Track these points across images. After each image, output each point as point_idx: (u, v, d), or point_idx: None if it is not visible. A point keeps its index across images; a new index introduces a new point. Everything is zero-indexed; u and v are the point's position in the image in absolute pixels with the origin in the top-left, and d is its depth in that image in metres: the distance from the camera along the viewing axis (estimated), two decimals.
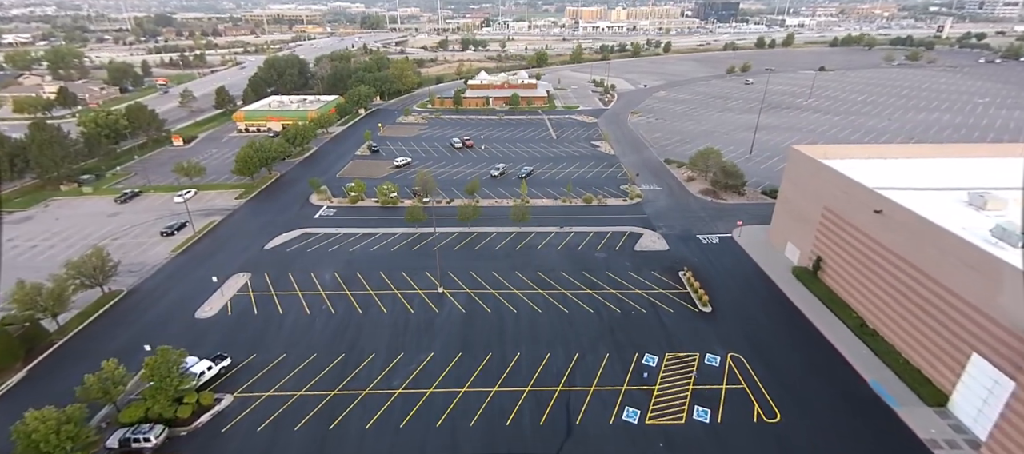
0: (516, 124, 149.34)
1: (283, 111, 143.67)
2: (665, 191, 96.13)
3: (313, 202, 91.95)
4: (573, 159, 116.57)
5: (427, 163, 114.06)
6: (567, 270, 68.58)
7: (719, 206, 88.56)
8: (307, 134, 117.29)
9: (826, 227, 61.34)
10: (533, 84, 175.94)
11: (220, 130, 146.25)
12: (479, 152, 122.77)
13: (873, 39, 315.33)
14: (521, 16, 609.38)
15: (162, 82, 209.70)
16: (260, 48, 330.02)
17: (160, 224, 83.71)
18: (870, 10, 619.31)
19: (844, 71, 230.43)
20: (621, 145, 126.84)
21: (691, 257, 71.24)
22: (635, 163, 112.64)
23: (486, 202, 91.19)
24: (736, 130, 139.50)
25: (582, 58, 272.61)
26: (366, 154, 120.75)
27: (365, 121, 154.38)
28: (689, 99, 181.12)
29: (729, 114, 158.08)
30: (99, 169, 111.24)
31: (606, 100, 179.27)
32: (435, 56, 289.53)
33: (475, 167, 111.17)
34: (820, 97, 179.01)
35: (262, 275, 67.94)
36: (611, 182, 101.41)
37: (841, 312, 56.49)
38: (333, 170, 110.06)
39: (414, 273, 68.12)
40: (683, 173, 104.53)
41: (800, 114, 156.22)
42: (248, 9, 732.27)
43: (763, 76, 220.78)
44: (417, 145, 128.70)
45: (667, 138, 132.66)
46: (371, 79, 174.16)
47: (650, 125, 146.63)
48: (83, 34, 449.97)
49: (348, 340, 55.12)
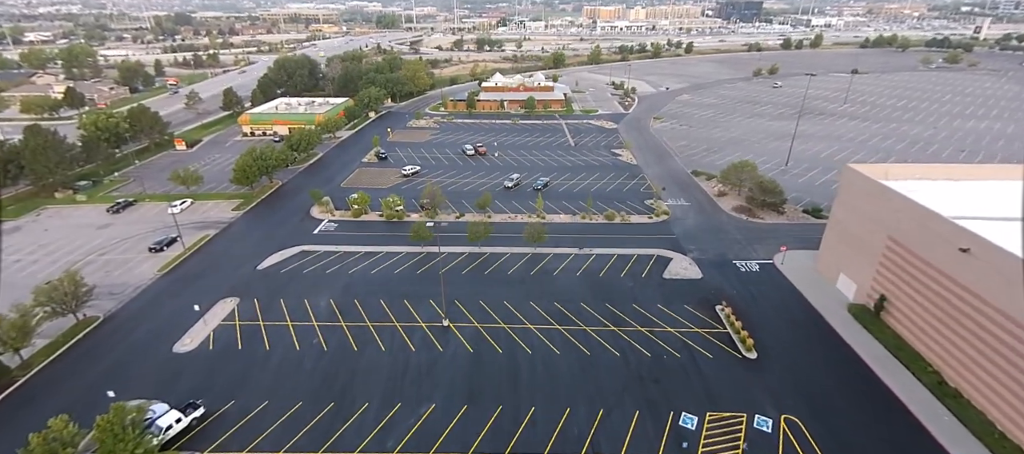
0: (532, 129, 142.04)
1: (290, 114, 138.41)
2: (694, 207, 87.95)
3: (314, 215, 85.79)
4: (592, 169, 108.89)
5: (437, 172, 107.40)
6: (588, 300, 61.15)
7: (756, 226, 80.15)
8: (312, 140, 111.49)
9: (892, 261, 52.94)
10: (550, 87, 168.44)
11: (226, 133, 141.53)
12: (492, 160, 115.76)
13: (907, 40, 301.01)
14: (538, 16, 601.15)
15: (172, 82, 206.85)
16: (274, 47, 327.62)
17: (152, 237, 78.26)
18: (899, 10, 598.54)
19: (879, 74, 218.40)
20: (644, 154, 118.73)
21: (728, 288, 63.23)
22: (660, 175, 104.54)
23: (498, 217, 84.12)
24: (767, 138, 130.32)
25: (600, 59, 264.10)
26: (373, 161, 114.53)
27: (375, 125, 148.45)
28: (715, 103, 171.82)
29: (759, 120, 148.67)
30: (97, 174, 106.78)
31: (626, 104, 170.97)
32: (450, 56, 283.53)
33: (488, 177, 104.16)
34: (855, 102, 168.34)
35: (251, 301, 61.75)
36: (634, 196, 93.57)
37: (913, 364, 48.14)
38: (338, 178, 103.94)
39: (417, 301, 61.31)
40: (713, 186, 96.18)
41: (836, 121, 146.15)
42: (267, 8, 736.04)
43: (793, 79, 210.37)
44: (427, 151, 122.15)
45: (693, 146, 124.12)
46: (382, 81, 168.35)
47: (674, 132, 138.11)
48: (103, 33, 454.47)
49: (340, 385, 48.44)
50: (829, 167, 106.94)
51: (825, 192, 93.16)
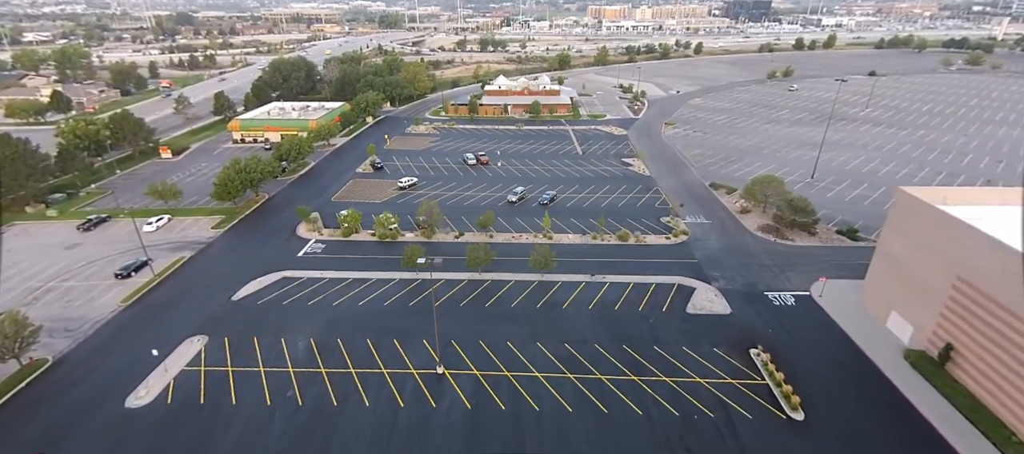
0: (537, 136, 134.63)
1: (282, 120, 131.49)
2: (715, 226, 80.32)
3: (300, 234, 78.65)
4: (602, 180, 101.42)
5: (435, 184, 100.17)
6: (603, 341, 53.75)
7: (786, 249, 72.48)
8: (303, 149, 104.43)
9: (961, 305, 45.32)
10: (556, 91, 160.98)
11: (216, 139, 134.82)
12: (495, 170, 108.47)
13: (924, 41, 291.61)
14: (542, 15, 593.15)
15: (166, 85, 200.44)
16: (273, 48, 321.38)
17: (122, 259, 71.34)
18: (910, 9, 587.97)
19: (899, 76, 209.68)
20: (656, 164, 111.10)
21: (762, 326, 55.69)
22: (675, 187, 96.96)
23: (501, 237, 76.80)
24: (787, 146, 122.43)
25: (607, 60, 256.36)
26: (368, 172, 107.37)
27: (372, 131, 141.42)
28: (728, 108, 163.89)
29: (776, 127, 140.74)
30: (74, 186, 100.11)
31: (636, 108, 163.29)
32: (452, 57, 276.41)
33: (490, 190, 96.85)
34: (877, 107, 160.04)
35: (221, 339, 54.65)
36: (649, 212, 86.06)
37: (993, 433, 40.58)
38: (330, 191, 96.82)
39: (409, 341, 54.06)
40: (734, 201, 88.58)
41: (858, 127, 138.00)
42: (271, 8, 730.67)
43: (808, 82, 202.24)
44: (426, 161, 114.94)
45: (709, 155, 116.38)
46: (380, 84, 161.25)
47: (688, 139, 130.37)
48: (102, 33, 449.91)
49: (313, 452, 41.27)
50: (858, 180, 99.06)
51: (857, 209, 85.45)
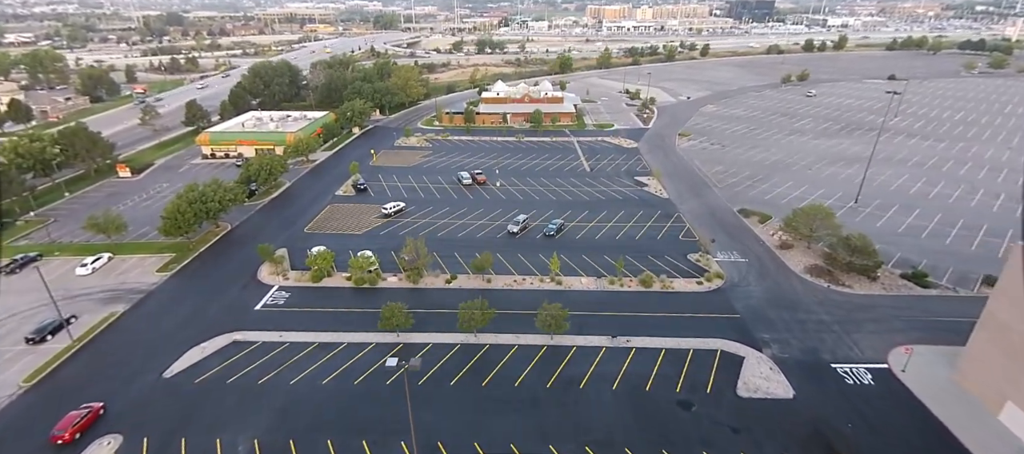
0: (539, 149, 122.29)
1: (257, 133, 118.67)
2: (754, 266, 68.10)
3: (262, 279, 66.12)
4: (615, 204, 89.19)
5: (426, 209, 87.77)
6: (635, 443, 41.47)
7: (845, 300, 60.27)
8: (275, 169, 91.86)
9: None
10: (558, 98, 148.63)
11: (184, 154, 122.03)
12: (493, 190, 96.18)
13: (938, 42, 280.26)
14: (540, 15, 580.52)
15: (140, 90, 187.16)
16: (261, 50, 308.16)
17: (42, 313, 58.78)
18: (913, 9, 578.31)
19: (920, 81, 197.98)
20: (675, 183, 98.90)
21: (837, 417, 43.44)
22: (698, 213, 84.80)
23: (500, 281, 64.52)
24: (817, 161, 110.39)
25: (611, 63, 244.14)
26: (350, 194, 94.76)
27: (358, 143, 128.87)
28: (745, 116, 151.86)
29: (801, 138, 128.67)
30: (13, 213, 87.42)
31: (645, 117, 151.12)
32: (448, 60, 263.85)
33: (487, 217, 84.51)
34: (907, 115, 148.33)
35: (139, 441, 42.13)
36: (673, 246, 73.84)
37: None
38: (302, 219, 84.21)
39: (383, 445, 41.67)
40: (770, 233, 76.47)
41: (890, 139, 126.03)
42: (266, 8, 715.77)
43: (824, 86, 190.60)
44: (416, 179, 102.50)
45: (731, 173, 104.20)
46: (369, 91, 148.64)
47: (706, 153, 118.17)
48: (87, 34, 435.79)
49: None
50: (908, 204, 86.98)
51: (916, 244, 73.40)
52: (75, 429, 41.82)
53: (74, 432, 41.69)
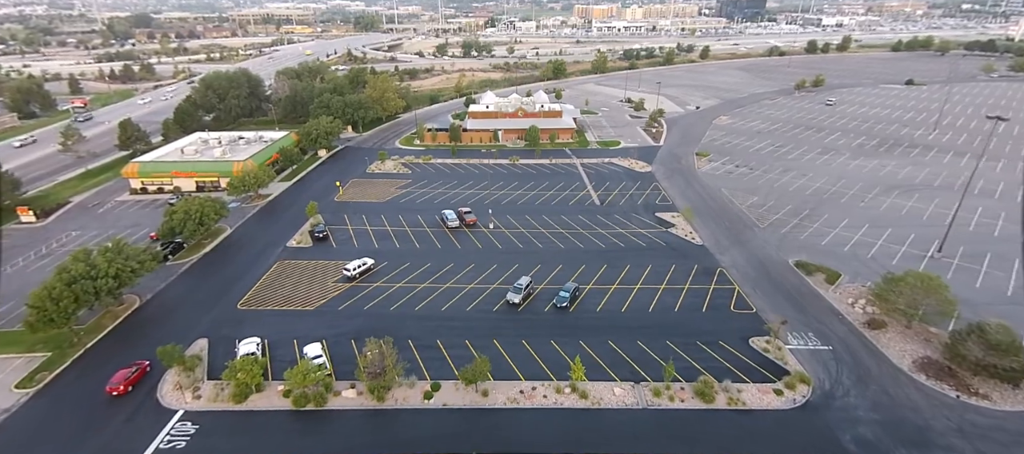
0: (537, 175, 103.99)
1: (196, 163, 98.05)
2: (843, 359, 50.35)
3: (161, 400, 46.65)
4: (638, 254, 71.26)
5: (400, 265, 68.88)
6: None
7: (993, 422, 42.73)
8: (207, 217, 71.98)
9: None
10: (557, 112, 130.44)
11: (113, 186, 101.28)
12: (485, 234, 77.72)
13: (946, 43, 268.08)
14: (527, 15, 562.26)
15: (79, 104, 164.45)
16: (229, 54, 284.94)
17: None
18: (900, 8, 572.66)
19: (940, 86, 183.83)
20: (706, 222, 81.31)
21: None
22: (746, 269, 67.16)
23: (501, 393, 46.04)
24: (867, 189, 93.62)
25: (607, 67, 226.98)
26: (306, 245, 75.46)
27: (325, 170, 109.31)
28: (765, 130, 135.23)
29: (837, 158, 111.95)
30: None
31: (654, 131, 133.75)
32: (431, 65, 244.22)
33: (480, 275, 65.92)
34: (947, 128, 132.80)
35: None
36: (724, 321, 56.14)
37: None
38: (238, 288, 64.49)
39: None
40: (846, 299, 59.15)
41: (941, 158, 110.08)
42: (244, 8, 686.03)
43: (841, 92, 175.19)
44: (390, 219, 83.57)
45: (771, 206, 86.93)
46: (339, 105, 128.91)
47: (733, 179, 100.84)
48: (45, 37, 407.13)
49: None
50: (1002, 254, 69.77)
51: None
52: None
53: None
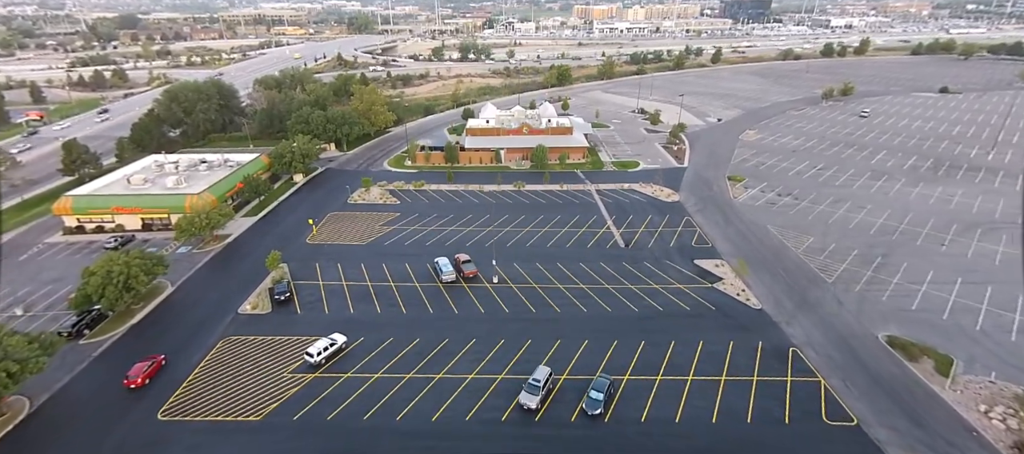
0: (548, 205, 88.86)
1: (141, 197, 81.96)
2: None
3: None
4: (682, 324, 56.23)
5: (381, 343, 53.58)
6: None
7: None
8: (135, 279, 56.30)
9: None
10: (566, 128, 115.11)
11: (48, 222, 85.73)
12: (486, 291, 62.55)
13: (970, 46, 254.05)
14: (526, 15, 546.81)
15: (34, 117, 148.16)
16: (212, 58, 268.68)
17: None
18: (905, 8, 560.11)
19: (980, 94, 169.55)
20: (759, 273, 66.26)
21: None
22: (825, 348, 52.13)
23: None
24: (942, 227, 78.52)
25: (614, 73, 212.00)
26: (261, 310, 60.01)
27: (300, 199, 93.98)
28: (800, 146, 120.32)
29: (893, 184, 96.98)
30: None
31: (676, 149, 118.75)
32: (426, 70, 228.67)
33: (482, 359, 50.61)
34: (1007, 145, 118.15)
35: None
36: (818, 443, 41.13)
37: None
38: (166, 382, 49.10)
39: None
40: (976, 404, 44.25)
41: (1009, 184, 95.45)
42: (241, 8, 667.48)
43: (869, 102, 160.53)
44: (372, 269, 68.22)
45: (832, 251, 71.80)
46: (320, 120, 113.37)
47: (779, 211, 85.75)
48: (23, 38, 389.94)
49: None
50: None
51: None
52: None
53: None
